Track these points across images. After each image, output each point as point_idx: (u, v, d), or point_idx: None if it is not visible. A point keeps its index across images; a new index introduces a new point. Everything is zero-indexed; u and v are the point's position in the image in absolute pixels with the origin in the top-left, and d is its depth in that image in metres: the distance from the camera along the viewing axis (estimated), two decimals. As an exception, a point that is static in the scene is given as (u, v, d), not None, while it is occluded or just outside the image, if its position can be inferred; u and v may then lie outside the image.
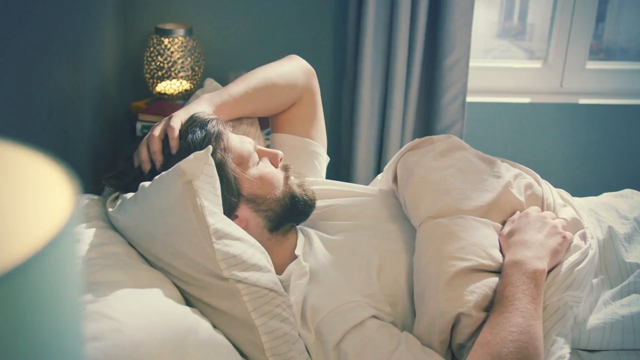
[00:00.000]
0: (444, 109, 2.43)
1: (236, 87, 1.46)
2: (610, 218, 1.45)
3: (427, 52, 2.41)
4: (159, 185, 1.13)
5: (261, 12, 2.49)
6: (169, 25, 2.36)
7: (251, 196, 1.30)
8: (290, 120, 1.60)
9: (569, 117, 2.70)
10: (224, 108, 1.42)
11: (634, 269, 1.34)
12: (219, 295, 1.14)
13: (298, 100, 1.60)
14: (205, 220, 1.11)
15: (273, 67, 1.55)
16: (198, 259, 1.12)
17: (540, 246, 1.27)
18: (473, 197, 1.37)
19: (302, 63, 1.62)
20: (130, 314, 0.98)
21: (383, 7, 2.32)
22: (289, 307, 1.20)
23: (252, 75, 1.51)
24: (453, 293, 1.22)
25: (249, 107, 1.49)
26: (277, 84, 1.53)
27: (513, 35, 3.48)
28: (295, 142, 1.58)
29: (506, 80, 2.75)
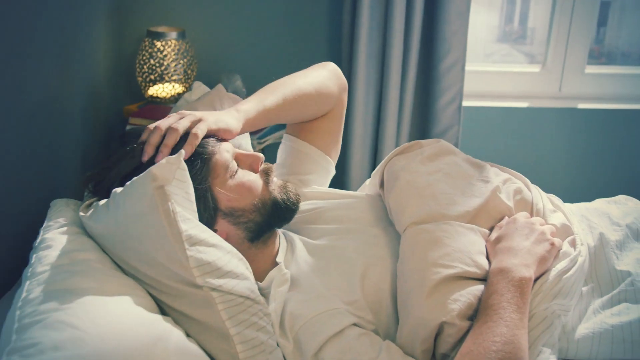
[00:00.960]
0: (439, 113, 2.40)
1: (271, 99, 1.40)
2: (602, 224, 1.41)
3: (423, 55, 2.39)
4: (130, 191, 1.10)
5: (254, 16, 2.46)
6: (162, 28, 2.34)
7: (229, 210, 1.25)
8: (313, 130, 1.56)
9: (567, 122, 2.66)
10: (254, 122, 1.37)
11: (625, 277, 1.30)
12: (193, 304, 1.10)
13: (327, 113, 1.57)
14: (177, 226, 1.07)
15: (308, 77, 1.50)
16: (171, 266, 1.08)
17: (527, 253, 1.23)
18: (460, 202, 1.34)
19: (336, 74, 1.57)
20: (94, 323, 0.94)
21: (377, 10, 2.30)
22: (266, 315, 1.17)
23: (286, 86, 1.45)
24: (436, 301, 1.18)
25: (280, 119, 1.45)
26: (312, 97, 1.48)
27: (514, 39, 3.45)
28: (311, 153, 1.55)
29: (504, 85, 2.72)
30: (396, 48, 2.31)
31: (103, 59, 2.23)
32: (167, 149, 1.21)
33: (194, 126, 1.24)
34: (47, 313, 0.95)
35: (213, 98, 1.54)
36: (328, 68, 1.57)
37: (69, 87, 1.86)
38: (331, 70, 1.56)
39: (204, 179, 1.21)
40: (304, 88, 1.46)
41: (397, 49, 2.31)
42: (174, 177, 1.09)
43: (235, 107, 1.35)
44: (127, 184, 1.11)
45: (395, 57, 2.31)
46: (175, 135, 1.22)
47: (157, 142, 1.22)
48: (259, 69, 2.52)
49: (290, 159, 1.56)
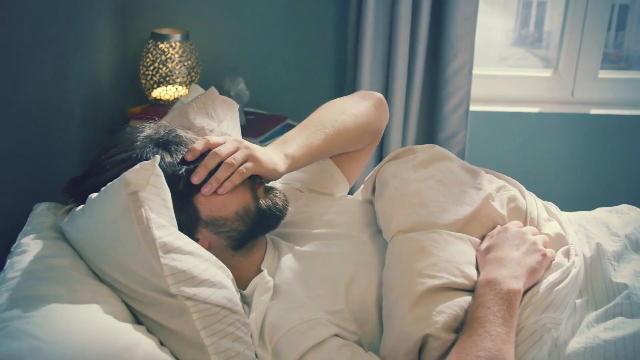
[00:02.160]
0: (446, 118, 2.36)
1: (316, 142, 1.37)
2: (600, 235, 1.36)
3: (429, 59, 2.35)
4: (104, 196, 1.08)
5: (258, 19, 2.44)
6: (166, 30, 2.33)
7: (210, 219, 1.22)
8: (349, 159, 1.54)
9: (579, 128, 2.60)
10: (298, 163, 1.35)
11: (622, 290, 1.25)
12: (167, 313, 1.07)
13: None
14: (151, 233, 1.04)
15: (359, 117, 1.46)
16: (144, 274, 1.06)
17: (516, 264, 1.19)
18: (450, 210, 1.30)
19: (383, 110, 1.54)
20: (55, 332, 0.92)
21: (382, 13, 2.26)
22: (244, 325, 1.13)
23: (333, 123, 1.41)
24: (421, 313, 1.14)
25: (320, 157, 1.44)
26: (356, 135, 1.46)
27: (529, 43, 3.39)
28: (334, 174, 1.53)
29: (515, 89, 2.67)
30: (402, 52, 2.27)
31: (107, 60, 2.23)
32: (217, 183, 1.20)
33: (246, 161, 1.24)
34: (9, 321, 0.93)
35: (206, 101, 1.51)
36: (375, 101, 1.52)
37: (71, 89, 1.86)
38: (378, 105, 1.52)
39: (186, 189, 1.19)
40: (350, 127, 1.44)
41: (402, 53, 2.27)
42: (148, 183, 1.07)
43: (283, 148, 1.33)
44: (102, 189, 1.09)
45: (400, 60, 2.28)
46: (230, 171, 1.21)
47: (213, 167, 1.21)
48: (263, 72, 2.50)
49: (311, 171, 1.53)
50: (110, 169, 1.18)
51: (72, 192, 1.22)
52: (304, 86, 2.52)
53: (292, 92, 2.52)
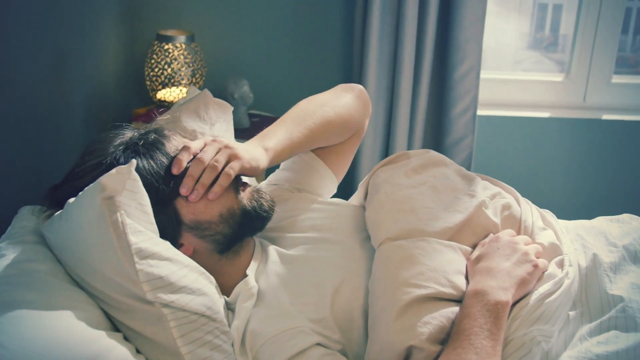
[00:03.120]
0: (453, 122, 2.33)
1: (297, 134, 1.34)
2: (597, 245, 1.32)
3: (436, 62, 2.32)
4: (79, 201, 1.06)
5: (264, 20, 2.42)
6: (171, 31, 2.32)
7: (194, 223, 1.19)
8: (332, 152, 1.51)
9: (591, 134, 2.55)
10: (282, 156, 1.33)
11: (617, 303, 1.21)
12: (144, 320, 1.05)
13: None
14: (126, 238, 1.02)
15: (336, 107, 1.43)
16: (120, 281, 1.03)
17: (506, 275, 1.15)
18: (441, 217, 1.26)
19: (365, 104, 1.51)
20: (21, 340, 0.90)
21: (389, 15, 2.23)
22: (223, 333, 1.11)
23: (314, 116, 1.38)
24: (405, 323, 1.11)
25: (302, 150, 1.41)
26: (337, 127, 1.43)
27: (545, 46, 3.34)
28: (320, 169, 1.49)
29: (526, 94, 2.62)
30: (408, 55, 2.24)
31: (113, 61, 2.23)
32: (204, 189, 1.17)
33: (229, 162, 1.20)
34: None
35: (198, 104, 1.49)
36: (356, 93, 1.50)
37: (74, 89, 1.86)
38: (359, 97, 1.50)
39: (165, 193, 1.16)
40: (331, 119, 1.41)
41: (408, 56, 2.24)
42: (124, 188, 1.05)
43: (263, 142, 1.30)
44: (79, 194, 1.07)
45: (406, 64, 2.25)
46: (214, 174, 1.18)
47: (199, 175, 1.18)
48: (268, 74, 2.48)
49: (297, 168, 1.50)
50: (83, 176, 1.16)
51: (52, 199, 1.20)
52: (308, 89, 2.48)
53: (296, 94, 2.47)
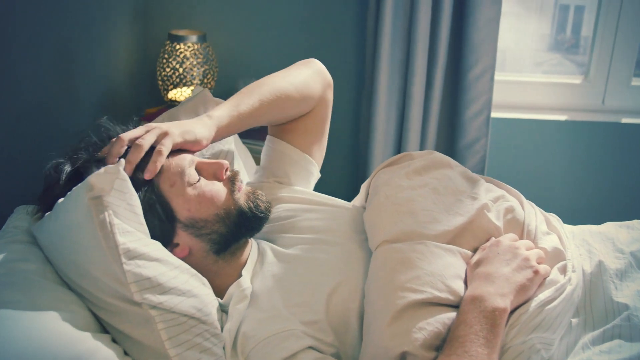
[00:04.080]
0: (466, 125, 2.29)
1: (246, 102, 1.32)
2: (603, 251, 1.28)
3: (450, 63, 2.28)
4: (67, 201, 1.05)
5: (276, 21, 2.41)
6: (183, 31, 2.31)
7: (189, 221, 1.17)
8: (294, 130, 1.47)
9: (609, 137, 2.50)
10: (228, 129, 1.29)
11: (622, 311, 1.17)
12: (131, 322, 1.04)
13: (309, 112, 1.47)
14: (114, 239, 1.01)
15: (288, 77, 1.41)
16: (107, 281, 1.02)
17: (505, 281, 1.12)
18: (441, 220, 1.23)
19: (320, 71, 1.48)
20: (2, 339, 0.89)
21: (401, 16, 2.21)
22: (214, 336, 1.09)
23: (264, 87, 1.36)
24: (400, 328, 1.08)
25: (257, 122, 1.36)
26: (291, 97, 1.39)
27: (566, 48, 3.28)
28: (290, 154, 1.46)
29: (543, 96, 2.58)
30: (420, 56, 2.21)
31: (125, 61, 2.23)
32: (131, 166, 1.13)
33: (160, 140, 1.16)
34: None
35: (197, 103, 1.48)
36: (311, 65, 1.47)
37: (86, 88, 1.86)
38: (314, 68, 1.47)
39: (152, 187, 1.14)
40: (283, 88, 1.37)
41: (421, 57, 2.21)
42: (112, 188, 1.03)
43: (207, 113, 1.28)
44: (68, 193, 1.06)
45: (419, 65, 2.21)
46: (140, 152, 1.14)
47: (119, 153, 1.14)
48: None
49: (269, 160, 1.48)
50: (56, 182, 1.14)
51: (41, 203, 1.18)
52: (320, 90, 2.47)
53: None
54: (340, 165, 2.51)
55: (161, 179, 1.15)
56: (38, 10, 1.50)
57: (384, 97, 2.24)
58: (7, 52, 1.39)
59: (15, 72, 1.42)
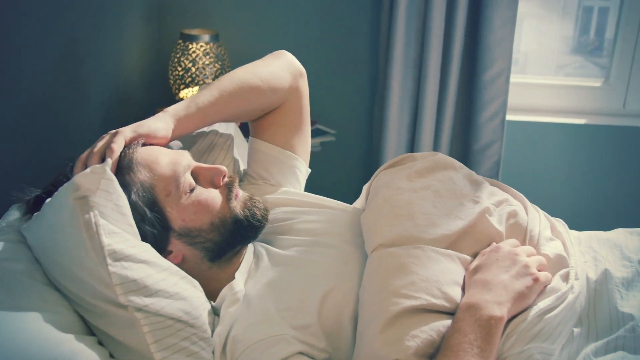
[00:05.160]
0: (481, 128, 2.25)
1: (205, 95, 1.30)
2: (610, 258, 1.23)
3: (464, 65, 2.24)
4: (53, 201, 1.04)
5: (289, 20, 2.38)
6: (195, 30, 2.30)
7: (183, 230, 1.15)
8: (271, 125, 1.44)
9: (630, 142, 2.43)
10: (189, 121, 1.27)
11: (627, 321, 1.12)
12: (117, 324, 1.02)
13: (281, 104, 1.43)
14: (99, 240, 0.99)
15: (253, 68, 1.39)
16: (92, 283, 1.00)
17: (502, 289, 1.08)
18: (440, 224, 1.19)
19: (289, 61, 1.44)
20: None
21: (415, 18, 2.18)
22: (202, 340, 1.07)
23: (224, 79, 1.34)
24: (392, 336, 1.05)
25: (221, 115, 1.33)
26: (256, 87, 1.36)
27: (589, 51, 3.22)
28: (270, 152, 1.43)
29: (562, 99, 2.52)
30: (434, 57, 2.17)
31: (138, 60, 2.22)
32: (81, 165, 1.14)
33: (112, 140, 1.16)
34: None
35: None
36: (279, 56, 1.44)
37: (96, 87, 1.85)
38: (282, 58, 1.44)
39: (146, 196, 1.12)
40: (245, 78, 1.34)
41: (434, 59, 2.17)
42: (98, 188, 1.02)
43: (167, 109, 1.27)
44: (55, 193, 1.05)
45: (432, 66, 2.18)
46: (94, 158, 1.13)
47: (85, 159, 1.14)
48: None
49: (252, 163, 1.45)
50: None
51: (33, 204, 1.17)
52: (333, 90, 2.44)
53: (322, 96, 2.44)
54: (352, 168, 2.48)
55: (156, 188, 1.13)
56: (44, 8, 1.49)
57: (396, 99, 2.21)
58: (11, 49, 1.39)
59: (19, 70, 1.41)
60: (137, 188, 1.11)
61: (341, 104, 2.44)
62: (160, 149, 1.19)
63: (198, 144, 1.41)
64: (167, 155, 1.18)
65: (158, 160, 1.15)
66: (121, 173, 1.12)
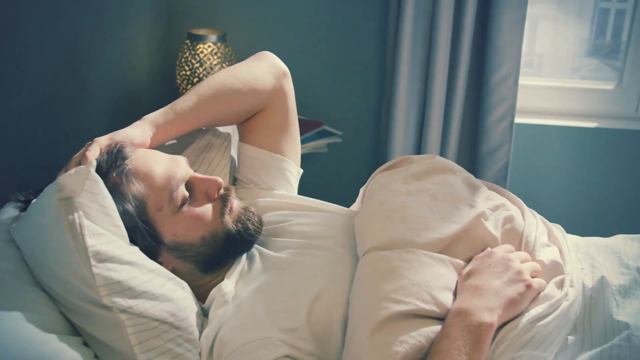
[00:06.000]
0: (489, 130, 2.22)
1: (184, 100, 1.30)
2: (607, 265, 1.21)
3: (472, 67, 2.22)
4: (39, 201, 1.04)
5: (296, 21, 2.37)
6: (202, 31, 2.29)
7: (174, 244, 1.15)
8: (257, 129, 1.43)
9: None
10: (169, 128, 1.27)
11: (622, 329, 1.09)
12: (102, 325, 1.02)
13: (266, 106, 1.42)
14: (83, 240, 0.99)
15: (234, 71, 1.38)
16: (76, 284, 1.00)
17: (494, 294, 1.06)
18: (434, 228, 1.17)
19: (271, 62, 1.43)
20: None
21: (422, 19, 2.15)
22: (187, 342, 1.06)
23: (206, 83, 1.33)
24: (380, 341, 1.03)
25: (202, 120, 1.32)
26: (236, 90, 1.34)
27: (605, 53, 3.18)
28: (262, 157, 1.42)
29: (573, 102, 2.48)
30: (441, 58, 2.15)
31: (145, 60, 2.22)
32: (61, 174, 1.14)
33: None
34: None
35: None
36: (261, 57, 1.43)
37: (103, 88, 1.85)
38: (264, 59, 1.43)
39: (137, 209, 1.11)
40: (224, 81, 1.33)
41: (442, 60, 2.15)
42: (82, 189, 1.01)
43: (145, 117, 1.27)
44: (40, 194, 1.05)
45: (440, 68, 2.15)
46: (70, 164, 1.15)
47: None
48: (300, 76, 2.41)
49: (242, 168, 1.44)
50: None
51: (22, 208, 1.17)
52: (340, 91, 2.43)
53: (328, 97, 2.43)
54: (359, 169, 2.47)
55: (148, 202, 1.12)
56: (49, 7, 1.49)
57: (403, 101, 2.19)
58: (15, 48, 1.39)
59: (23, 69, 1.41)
60: (129, 199, 1.11)
61: (348, 105, 2.42)
62: (155, 157, 1.17)
63: (195, 144, 1.41)
64: (162, 165, 1.16)
65: (152, 172, 1.14)
66: (114, 181, 1.11)
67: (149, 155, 1.17)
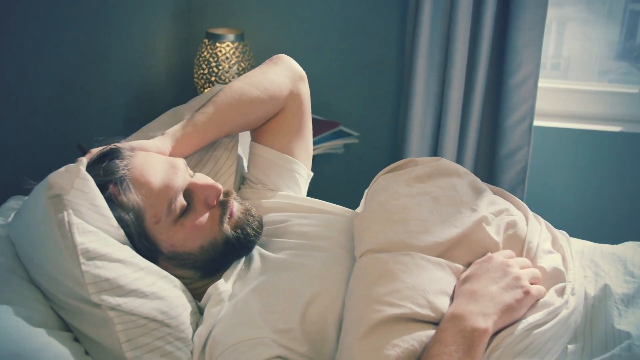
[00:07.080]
0: (507, 133, 2.19)
1: (202, 112, 1.30)
2: (612, 273, 1.18)
3: (491, 69, 2.18)
4: (30, 199, 1.05)
5: (315, 20, 2.37)
6: (221, 30, 2.30)
7: (172, 254, 1.15)
8: (270, 131, 1.43)
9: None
10: (187, 141, 1.27)
11: (623, 339, 1.06)
12: (91, 322, 1.02)
13: (282, 109, 1.42)
14: (72, 238, 0.99)
15: (250, 78, 1.38)
16: (66, 282, 1.01)
17: (490, 300, 1.04)
18: (433, 231, 1.15)
19: (287, 66, 1.43)
20: None
21: (440, 20, 2.13)
22: (178, 340, 1.06)
23: (223, 93, 1.33)
24: (372, 344, 1.02)
25: (222, 130, 1.33)
26: (254, 98, 1.35)
27: (635, 56, 3.11)
28: (272, 158, 1.42)
29: (597, 105, 2.44)
30: (459, 59, 2.12)
31: (164, 60, 2.23)
32: None
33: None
34: None
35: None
36: (277, 61, 1.43)
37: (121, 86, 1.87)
38: (280, 63, 1.42)
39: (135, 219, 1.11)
40: (241, 89, 1.33)
41: (460, 61, 2.12)
42: (72, 187, 1.02)
43: (167, 131, 1.27)
44: (31, 192, 1.06)
45: (457, 69, 2.12)
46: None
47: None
48: (318, 76, 2.40)
49: (252, 167, 1.44)
50: None
51: None
52: (358, 91, 2.41)
53: (345, 97, 2.42)
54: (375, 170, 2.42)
55: (146, 214, 1.12)
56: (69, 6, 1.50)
57: (420, 102, 2.17)
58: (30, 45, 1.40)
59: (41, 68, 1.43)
60: (128, 209, 1.10)
61: (365, 106, 2.41)
62: (154, 164, 1.16)
63: None
64: (161, 173, 1.14)
65: (150, 183, 1.12)
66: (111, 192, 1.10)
67: (147, 162, 1.15)
